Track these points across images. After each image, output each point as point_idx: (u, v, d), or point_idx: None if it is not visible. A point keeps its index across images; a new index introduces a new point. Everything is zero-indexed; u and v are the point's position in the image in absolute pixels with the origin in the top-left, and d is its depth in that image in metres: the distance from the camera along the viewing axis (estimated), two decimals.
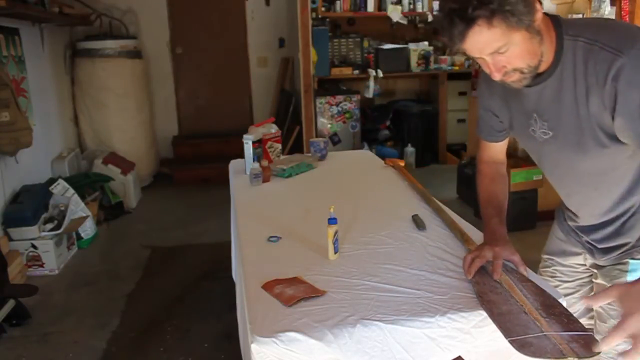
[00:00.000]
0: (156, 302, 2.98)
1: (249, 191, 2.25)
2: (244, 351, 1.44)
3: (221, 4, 5.86)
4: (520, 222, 3.68)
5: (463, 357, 1.21)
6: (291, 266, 1.45)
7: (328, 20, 5.43)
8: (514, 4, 1.04)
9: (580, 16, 4.39)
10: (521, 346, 1.09)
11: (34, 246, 3.31)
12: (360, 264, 1.47)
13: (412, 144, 5.69)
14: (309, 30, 4.74)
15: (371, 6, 5.42)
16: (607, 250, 1.33)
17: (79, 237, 3.77)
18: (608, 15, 3.89)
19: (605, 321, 1.34)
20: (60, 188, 3.76)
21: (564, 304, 1.25)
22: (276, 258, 1.54)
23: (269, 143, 2.55)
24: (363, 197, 2.09)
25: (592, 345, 1.06)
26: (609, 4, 3.84)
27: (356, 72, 5.43)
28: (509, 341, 1.11)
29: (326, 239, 1.49)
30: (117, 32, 5.27)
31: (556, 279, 1.52)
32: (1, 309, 2.64)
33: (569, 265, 1.49)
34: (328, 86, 5.44)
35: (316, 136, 5.05)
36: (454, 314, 1.20)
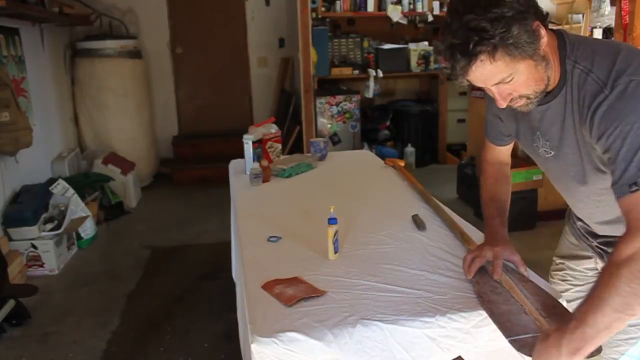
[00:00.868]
0: (156, 302, 2.98)
1: (249, 191, 2.25)
2: (244, 351, 1.45)
3: (221, 4, 5.86)
4: (520, 222, 3.67)
5: (463, 357, 1.21)
6: (291, 266, 1.45)
7: (328, 20, 5.43)
8: (517, 36, 1.01)
9: (580, 16, 4.40)
10: (521, 346, 1.09)
11: (34, 246, 3.31)
12: (360, 264, 1.47)
13: (412, 144, 5.69)
14: (309, 30, 4.74)
15: (371, 6, 5.42)
16: None
17: (79, 237, 3.77)
18: (608, 15, 3.89)
19: None
20: (60, 188, 3.76)
21: (564, 303, 1.25)
22: (276, 258, 1.54)
23: (269, 143, 2.55)
24: (363, 197, 2.09)
25: None
26: (609, 4, 3.84)
27: (356, 72, 5.43)
28: (509, 341, 1.11)
29: (326, 239, 1.49)
30: (117, 32, 5.27)
31: (567, 282, 1.52)
32: (1, 309, 2.64)
33: (580, 270, 1.49)
34: (328, 86, 5.43)
35: (316, 136, 5.05)
36: (454, 314, 1.20)
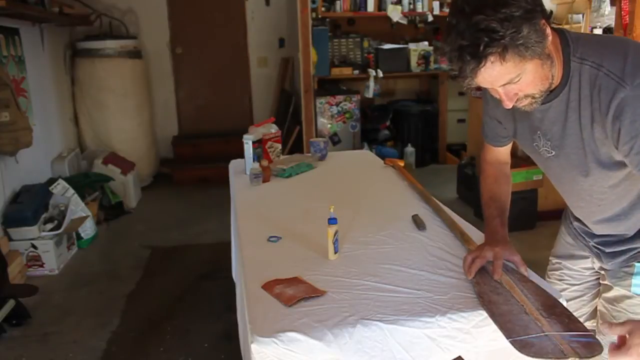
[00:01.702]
0: (156, 302, 2.98)
1: (249, 191, 2.24)
2: (244, 351, 1.44)
3: (221, 4, 5.86)
4: (520, 222, 3.67)
5: (463, 357, 1.21)
6: (291, 266, 1.45)
7: (328, 20, 5.42)
8: (526, 36, 0.99)
9: (580, 16, 4.40)
10: (522, 346, 1.09)
11: (34, 246, 3.31)
12: (360, 264, 1.46)
13: (412, 144, 5.69)
14: (309, 30, 4.74)
15: (371, 6, 5.41)
16: (613, 255, 1.33)
17: (79, 237, 3.77)
18: (608, 15, 3.89)
19: (607, 321, 1.34)
20: (60, 188, 3.76)
21: (564, 303, 1.25)
22: (276, 258, 1.53)
23: (269, 143, 2.54)
24: (363, 197, 2.09)
25: (593, 345, 1.06)
26: (609, 4, 3.84)
27: (356, 72, 5.42)
28: (510, 341, 1.11)
29: (326, 239, 1.49)
30: (117, 32, 5.27)
31: (564, 282, 1.52)
32: (1, 309, 2.64)
33: (576, 270, 1.49)
34: (328, 86, 5.43)
35: (316, 136, 5.05)
36: (454, 314, 1.20)
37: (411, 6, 5.52)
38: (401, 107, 5.83)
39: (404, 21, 5.49)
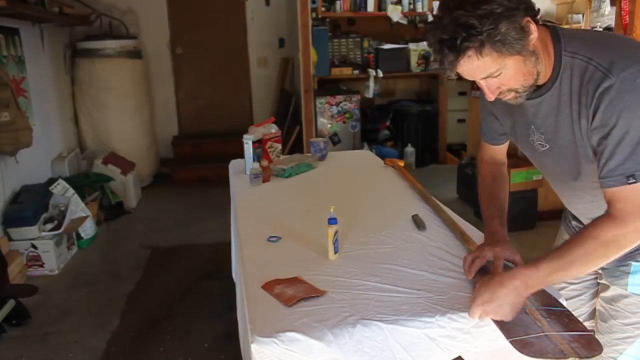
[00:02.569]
0: (156, 302, 2.98)
1: (249, 191, 2.24)
2: (244, 351, 1.45)
3: (221, 4, 5.86)
4: (520, 222, 3.68)
5: (463, 357, 1.21)
6: (291, 266, 1.45)
7: (328, 20, 5.42)
8: (504, 33, 1.02)
9: (580, 16, 4.40)
10: (522, 346, 1.09)
11: (34, 246, 3.31)
12: (360, 264, 1.46)
13: (412, 144, 5.69)
14: (309, 30, 4.74)
15: (371, 6, 5.42)
16: None
17: (79, 237, 3.77)
18: (608, 15, 3.89)
19: (606, 320, 1.35)
20: (60, 188, 3.76)
21: (564, 303, 1.25)
22: (276, 258, 1.54)
23: (269, 143, 2.55)
24: (363, 197, 2.09)
25: (593, 345, 1.06)
26: (609, 4, 3.84)
27: (356, 72, 5.42)
28: (510, 341, 1.11)
29: (326, 239, 1.49)
30: (117, 32, 5.27)
31: (563, 281, 1.52)
32: (1, 309, 2.64)
33: None
34: (328, 86, 5.43)
35: (316, 136, 5.05)
36: (454, 314, 1.20)
37: (411, 6, 5.53)
38: (401, 107, 5.83)
39: (404, 21, 5.50)
